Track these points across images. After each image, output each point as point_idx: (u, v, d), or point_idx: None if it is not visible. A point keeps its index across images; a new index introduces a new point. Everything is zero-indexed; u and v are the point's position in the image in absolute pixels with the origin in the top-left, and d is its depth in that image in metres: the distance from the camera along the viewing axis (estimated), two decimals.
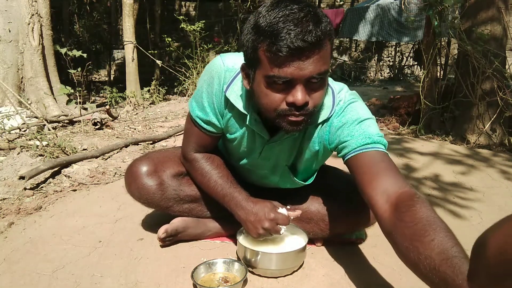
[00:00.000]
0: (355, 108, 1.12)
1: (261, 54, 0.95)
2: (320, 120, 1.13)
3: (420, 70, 7.55)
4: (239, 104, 1.13)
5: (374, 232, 1.51)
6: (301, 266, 1.25)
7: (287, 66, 0.92)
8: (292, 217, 1.18)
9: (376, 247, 1.40)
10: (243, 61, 1.06)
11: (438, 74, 3.87)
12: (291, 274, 1.21)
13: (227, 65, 1.14)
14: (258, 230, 1.15)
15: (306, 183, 1.34)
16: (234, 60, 1.15)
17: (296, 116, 0.99)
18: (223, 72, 1.14)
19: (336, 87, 1.16)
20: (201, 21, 6.10)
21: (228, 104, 1.17)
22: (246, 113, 1.13)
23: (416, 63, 9.87)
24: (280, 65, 0.92)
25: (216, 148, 1.38)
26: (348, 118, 1.10)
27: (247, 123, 1.15)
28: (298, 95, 0.95)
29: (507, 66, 3.27)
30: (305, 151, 1.22)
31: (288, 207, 1.22)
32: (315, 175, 1.36)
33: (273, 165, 1.29)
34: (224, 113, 1.20)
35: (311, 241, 1.38)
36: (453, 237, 0.80)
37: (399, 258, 0.86)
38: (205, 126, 1.24)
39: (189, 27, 5.90)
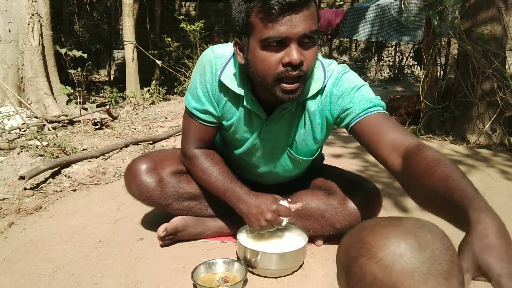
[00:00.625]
0: (350, 77, 1.17)
1: (254, 19, 1.00)
2: (313, 92, 1.16)
3: (420, 70, 7.54)
4: (234, 87, 1.17)
5: None
6: (301, 266, 1.25)
7: (280, 24, 0.96)
8: (293, 209, 1.19)
9: None
10: (234, 42, 1.11)
11: (438, 74, 3.87)
12: (291, 274, 1.21)
13: (217, 53, 1.20)
14: (261, 222, 1.16)
15: (308, 158, 1.33)
16: (224, 48, 1.21)
17: (293, 78, 1.02)
18: (214, 60, 1.19)
19: (326, 61, 1.21)
20: (201, 21, 6.10)
21: (223, 88, 1.20)
22: (242, 94, 1.17)
23: (416, 63, 9.87)
24: (274, 23, 0.97)
25: (214, 145, 1.39)
26: (346, 87, 1.15)
27: (244, 103, 1.18)
28: (294, 53, 0.99)
29: (507, 66, 3.27)
30: (305, 125, 1.24)
31: (289, 199, 1.23)
32: (316, 155, 1.35)
33: (272, 148, 1.30)
34: (220, 99, 1.23)
35: (311, 240, 1.38)
36: (456, 168, 0.85)
37: (414, 201, 0.93)
38: (202, 116, 1.26)
39: (189, 27, 5.90)
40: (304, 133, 1.25)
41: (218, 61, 1.19)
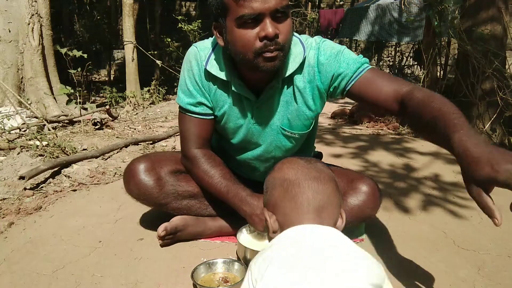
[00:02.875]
0: (330, 44, 1.24)
1: (227, 0, 1.05)
2: (296, 67, 1.21)
3: (420, 70, 7.55)
4: (221, 74, 1.23)
5: (374, 232, 1.51)
6: None
7: (252, 0, 1.01)
8: None
9: (376, 247, 1.40)
10: (213, 26, 1.16)
11: (438, 74, 3.88)
12: None
13: (200, 46, 1.27)
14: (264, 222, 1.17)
15: (304, 132, 1.34)
16: (206, 42, 1.28)
17: (271, 51, 1.07)
18: (198, 53, 1.25)
19: (303, 36, 1.28)
20: (198, 21, 6.11)
21: (210, 78, 1.26)
22: (229, 80, 1.22)
23: (416, 63, 9.87)
24: (245, 1, 1.02)
25: (212, 147, 1.40)
26: (330, 53, 1.21)
27: (232, 88, 1.23)
28: (268, 27, 1.04)
29: (507, 66, 3.27)
30: (296, 101, 1.26)
31: None
32: (311, 127, 1.36)
33: (267, 130, 1.32)
34: (210, 88, 1.27)
35: None
36: (448, 102, 0.98)
37: (417, 134, 1.04)
38: (197, 109, 1.29)
39: (187, 27, 5.91)
40: (297, 108, 1.28)
41: (202, 53, 1.25)
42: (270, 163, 1.42)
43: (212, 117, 1.32)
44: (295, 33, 1.25)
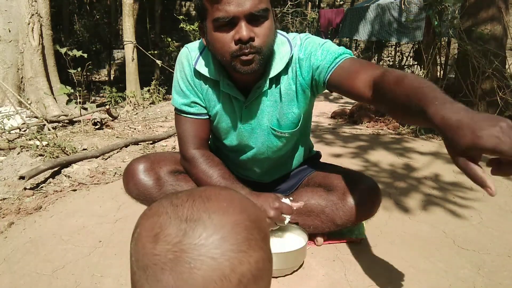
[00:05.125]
0: (313, 40, 1.24)
1: (205, 2, 1.06)
2: (281, 68, 1.21)
3: (420, 70, 7.55)
4: (210, 73, 1.23)
5: (374, 232, 1.51)
6: (301, 266, 1.25)
7: (226, 4, 1.02)
8: (295, 207, 1.19)
9: (376, 247, 1.40)
10: (198, 26, 1.19)
11: (438, 74, 3.87)
12: (291, 274, 1.21)
13: (191, 47, 1.28)
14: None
15: (292, 130, 1.34)
16: (196, 43, 1.29)
17: (246, 54, 1.07)
18: (189, 53, 1.27)
19: (291, 36, 1.27)
20: (199, 21, 6.10)
21: (201, 77, 1.27)
22: (217, 79, 1.23)
23: (416, 63, 9.87)
24: (220, 4, 1.02)
25: (210, 147, 1.41)
26: (311, 48, 1.21)
27: (221, 88, 1.24)
28: (242, 31, 1.04)
29: (507, 66, 3.27)
30: (281, 99, 1.26)
31: (291, 198, 1.24)
32: (299, 125, 1.35)
33: (257, 130, 1.32)
34: (201, 88, 1.28)
35: (312, 238, 1.38)
36: (420, 77, 0.94)
37: (397, 118, 1.02)
38: (192, 110, 1.29)
39: (188, 27, 5.91)
40: (283, 107, 1.28)
41: (193, 53, 1.26)
42: (266, 164, 1.42)
43: (207, 116, 1.32)
44: (282, 32, 1.26)
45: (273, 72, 1.20)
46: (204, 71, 1.24)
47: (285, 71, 1.23)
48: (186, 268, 0.42)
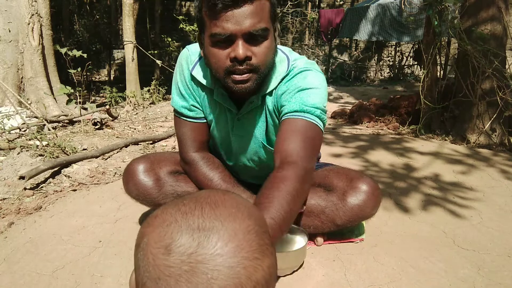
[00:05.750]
0: (305, 76, 1.17)
1: (204, 15, 1.04)
2: (273, 86, 1.19)
3: (420, 70, 7.54)
4: (205, 81, 1.22)
5: (374, 232, 1.51)
6: (301, 266, 1.25)
7: (224, 20, 0.99)
8: None
9: (376, 247, 1.40)
10: (197, 37, 1.16)
11: (438, 74, 3.87)
12: (291, 274, 1.21)
13: (192, 50, 1.25)
14: None
15: None
16: (197, 46, 1.24)
17: (241, 72, 1.05)
18: (189, 56, 1.25)
19: (293, 55, 1.22)
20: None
21: (197, 83, 1.25)
22: (212, 88, 1.21)
23: (416, 63, 9.86)
24: (218, 19, 0.99)
25: (210, 149, 1.41)
26: (293, 85, 1.17)
27: (214, 97, 1.22)
28: (238, 49, 1.01)
29: (507, 66, 3.27)
30: (267, 120, 1.27)
31: None
32: None
33: (249, 144, 1.32)
34: (199, 93, 1.27)
35: (312, 238, 1.38)
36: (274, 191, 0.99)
37: None
38: (191, 114, 1.29)
39: (188, 27, 5.90)
40: (269, 127, 1.28)
41: (193, 57, 1.24)
42: (260, 171, 1.41)
43: (205, 120, 1.32)
44: (283, 49, 1.23)
45: (267, 89, 1.19)
46: (200, 77, 1.22)
47: (270, 93, 1.21)
48: (203, 279, 0.42)
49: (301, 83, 1.15)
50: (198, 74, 1.23)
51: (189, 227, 0.44)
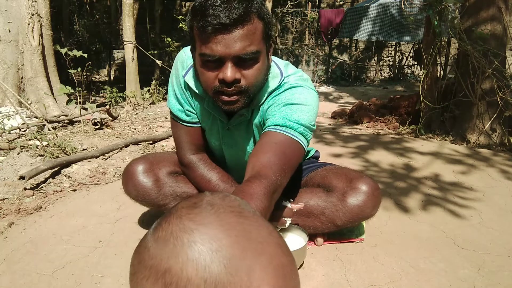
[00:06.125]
0: (294, 92, 1.15)
1: (195, 34, 1.02)
2: (262, 100, 1.17)
3: (420, 70, 7.55)
4: (197, 89, 1.20)
5: (374, 232, 1.51)
6: (301, 266, 1.25)
7: (214, 43, 0.97)
8: (295, 209, 1.19)
9: (376, 247, 1.40)
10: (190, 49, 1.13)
11: (438, 73, 3.87)
12: None
13: (188, 53, 1.22)
14: None
15: None
16: None
17: (228, 94, 1.04)
18: (185, 60, 1.22)
19: (289, 71, 1.20)
20: None
21: (191, 89, 1.23)
22: (203, 97, 1.20)
23: (416, 62, 9.87)
24: (208, 42, 0.97)
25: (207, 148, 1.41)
26: (281, 99, 1.15)
27: (205, 106, 1.21)
28: (227, 72, 1.00)
29: (507, 66, 3.27)
30: (257, 132, 1.26)
31: (291, 200, 1.24)
32: None
33: (238, 154, 1.32)
34: (192, 100, 1.26)
35: (312, 238, 1.38)
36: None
37: None
38: (187, 118, 1.29)
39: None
40: (258, 137, 1.27)
41: (189, 61, 1.22)
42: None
43: (200, 125, 1.32)
44: (278, 62, 1.21)
45: (258, 103, 1.19)
46: (192, 85, 1.21)
47: (258, 107, 1.21)
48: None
49: (288, 98, 1.14)
50: (190, 80, 1.21)
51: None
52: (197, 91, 1.20)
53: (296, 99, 1.13)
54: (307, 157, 1.58)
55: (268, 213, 0.93)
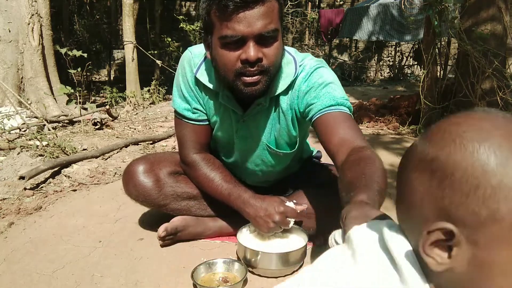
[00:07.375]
0: (321, 73, 1.18)
1: (213, 17, 1.02)
2: (283, 88, 1.18)
3: (420, 70, 7.55)
4: (210, 83, 1.20)
5: None
6: (301, 266, 1.25)
7: (236, 22, 0.98)
8: (299, 210, 1.19)
9: None
10: (203, 39, 1.14)
11: (438, 73, 3.87)
12: (291, 274, 1.21)
13: (194, 52, 1.24)
14: (269, 224, 1.17)
15: (289, 151, 1.33)
16: (201, 47, 1.23)
17: (251, 74, 1.04)
18: (192, 59, 1.23)
19: (299, 56, 1.22)
20: (200, 21, 6.10)
21: (202, 86, 1.24)
22: (217, 91, 1.20)
23: (416, 63, 9.87)
24: (229, 21, 0.98)
25: (210, 149, 1.40)
26: (314, 82, 1.16)
27: (220, 99, 1.21)
28: (250, 51, 1.01)
29: (507, 66, 3.27)
30: (279, 121, 1.25)
31: (294, 201, 1.24)
32: (297, 147, 1.34)
33: (252, 145, 1.31)
34: (202, 96, 1.26)
35: (311, 240, 1.38)
36: (377, 170, 0.92)
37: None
38: (193, 116, 1.28)
39: (188, 27, 5.90)
40: (280, 128, 1.27)
41: (196, 59, 1.23)
42: (261, 175, 1.41)
43: (208, 122, 1.32)
44: (289, 50, 1.23)
45: (275, 91, 1.18)
46: (204, 80, 1.21)
47: (285, 92, 1.20)
48: None
49: (321, 80, 1.16)
50: (202, 76, 1.21)
51: None
52: (210, 86, 1.20)
53: (328, 78, 1.17)
54: (309, 158, 1.57)
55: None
